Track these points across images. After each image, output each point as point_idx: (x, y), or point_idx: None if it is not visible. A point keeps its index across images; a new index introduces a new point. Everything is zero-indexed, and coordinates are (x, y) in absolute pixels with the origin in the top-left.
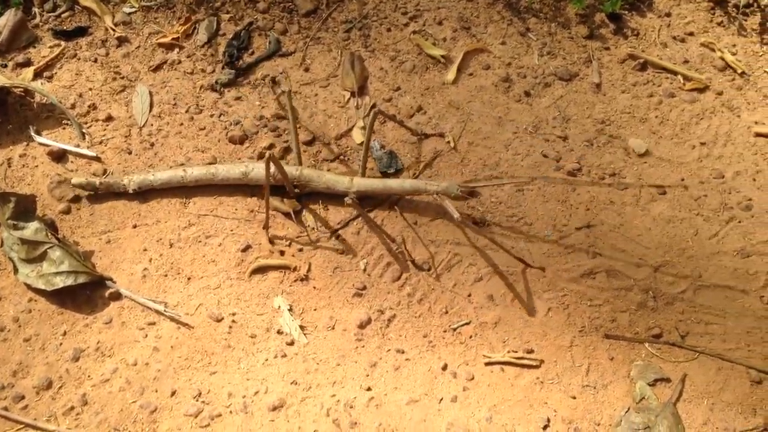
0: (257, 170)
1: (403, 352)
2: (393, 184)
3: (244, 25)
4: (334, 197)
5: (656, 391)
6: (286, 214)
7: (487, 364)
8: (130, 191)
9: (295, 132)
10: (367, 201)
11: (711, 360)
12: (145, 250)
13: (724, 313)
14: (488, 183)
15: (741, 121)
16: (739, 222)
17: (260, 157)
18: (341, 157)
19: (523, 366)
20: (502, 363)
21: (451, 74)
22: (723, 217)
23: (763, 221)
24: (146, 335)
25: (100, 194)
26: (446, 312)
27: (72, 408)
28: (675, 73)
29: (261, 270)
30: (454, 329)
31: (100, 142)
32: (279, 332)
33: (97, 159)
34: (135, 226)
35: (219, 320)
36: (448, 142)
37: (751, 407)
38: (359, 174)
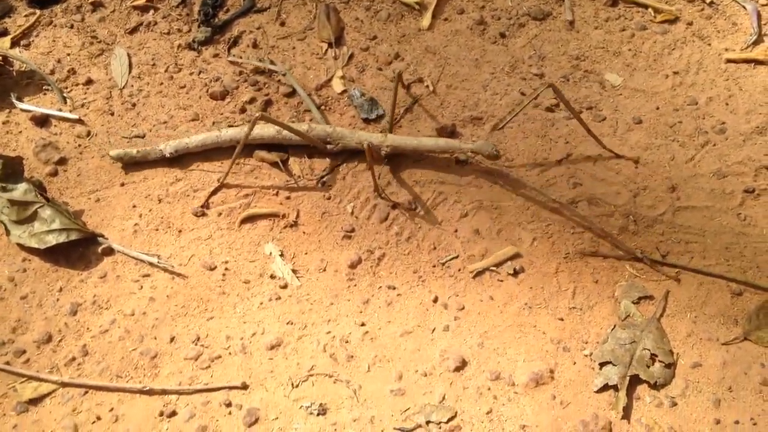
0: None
1: (394, 288)
2: (427, 141)
3: None
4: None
5: (641, 308)
6: (274, 164)
7: (474, 276)
8: (167, 155)
9: (312, 103)
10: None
11: (692, 277)
12: (134, 206)
13: (703, 231)
14: (510, 118)
15: (712, 49)
16: (714, 145)
17: (242, 111)
18: (322, 107)
19: (508, 275)
20: (487, 270)
21: (426, 20)
22: (698, 141)
23: (737, 143)
24: (141, 287)
25: (91, 156)
26: (434, 248)
27: (73, 359)
28: (646, 6)
29: (250, 219)
30: (443, 264)
31: (82, 105)
32: (272, 277)
33: (80, 121)
34: (123, 184)
35: (212, 269)
36: (427, 86)
37: (732, 318)
38: (387, 131)
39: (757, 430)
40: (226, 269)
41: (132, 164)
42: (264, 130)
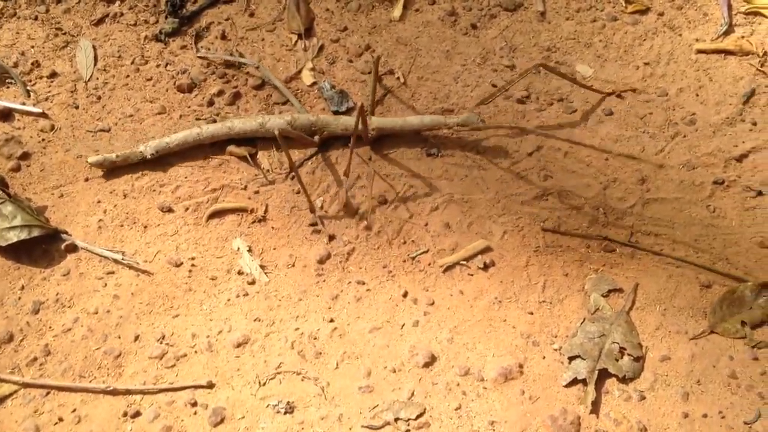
0: (273, 121)
1: (363, 284)
2: (413, 120)
3: None
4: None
5: (610, 301)
6: (242, 158)
7: (444, 270)
8: (148, 157)
9: (291, 95)
10: (341, 140)
11: (662, 269)
12: (98, 202)
13: (673, 223)
14: (498, 94)
15: (682, 39)
16: (684, 136)
17: (210, 104)
18: None
19: (478, 268)
20: (457, 264)
21: (397, 11)
22: (668, 132)
23: (707, 134)
24: (105, 284)
25: (56, 152)
26: (404, 242)
27: (35, 359)
28: None
29: (218, 214)
30: (413, 258)
31: (46, 99)
32: (239, 273)
33: (44, 115)
34: (87, 179)
35: (178, 265)
36: (398, 78)
37: (701, 310)
38: (369, 114)
39: (725, 423)
40: (193, 265)
41: (113, 169)
42: (246, 124)
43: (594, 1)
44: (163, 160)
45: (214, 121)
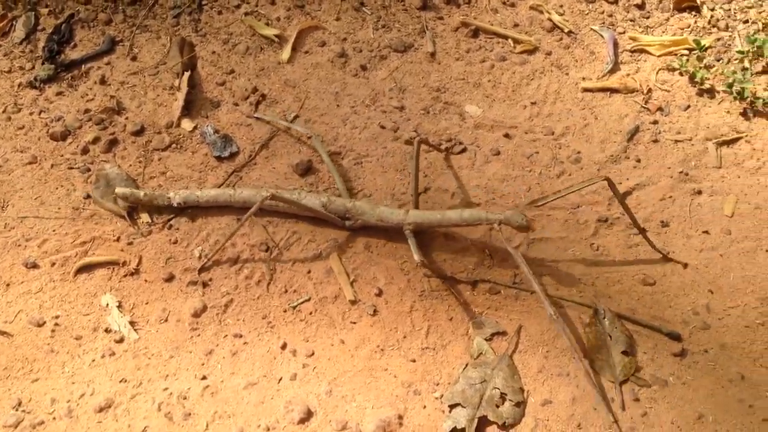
0: (308, 199)
1: (241, 336)
2: (452, 215)
3: (65, 18)
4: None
5: (494, 345)
6: (120, 216)
7: (293, 308)
8: (175, 205)
9: (334, 168)
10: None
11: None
12: None
13: (557, 263)
14: (552, 199)
15: (569, 78)
16: (570, 175)
17: (84, 152)
18: (173, 145)
19: (360, 317)
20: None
21: (285, 53)
22: (554, 171)
23: (591, 172)
24: None
25: None
26: (285, 291)
27: None
28: (506, 37)
29: (87, 268)
30: (294, 307)
31: None
32: (107, 330)
33: None
34: None
35: (41, 325)
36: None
37: (583, 351)
38: (412, 205)
39: None
40: (56, 324)
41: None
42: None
43: (483, 42)
44: (30, 213)
45: (88, 170)
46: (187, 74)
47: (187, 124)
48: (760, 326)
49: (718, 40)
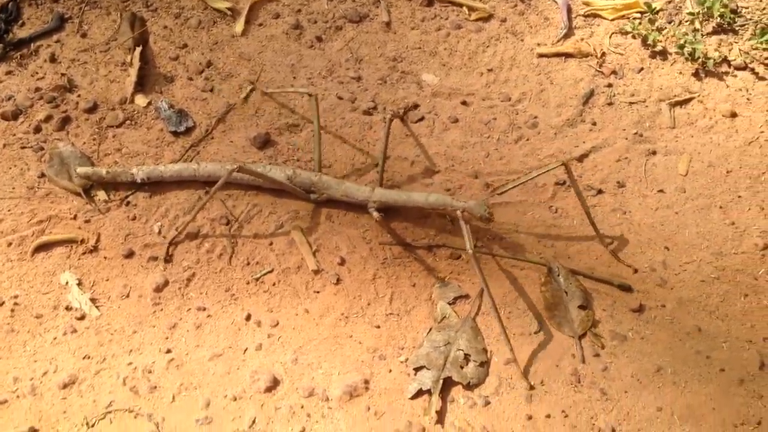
0: (273, 171)
1: (204, 309)
2: (417, 197)
3: None
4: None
5: (457, 308)
6: (77, 194)
7: (256, 279)
8: (138, 181)
9: (318, 135)
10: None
11: (506, 274)
12: None
13: (517, 226)
14: (512, 186)
15: (524, 44)
16: (527, 140)
17: (36, 130)
18: (128, 121)
19: (323, 285)
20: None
21: (239, 26)
22: (512, 137)
23: (548, 136)
24: None
25: None
26: (248, 263)
27: None
28: (461, 5)
29: (44, 247)
30: (257, 279)
31: None
32: (68, 308)
33: None
34: None
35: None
36: (244, 96)
37: (542, 309)
38: (378, 184)
39: (569, 422)
40: (16, 304)
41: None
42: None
43: (438, 10)
44: None
45: (41, 149)
46: (138, 49)
47: (141, 100)
48: (716, 280)
49: (669, 2)
